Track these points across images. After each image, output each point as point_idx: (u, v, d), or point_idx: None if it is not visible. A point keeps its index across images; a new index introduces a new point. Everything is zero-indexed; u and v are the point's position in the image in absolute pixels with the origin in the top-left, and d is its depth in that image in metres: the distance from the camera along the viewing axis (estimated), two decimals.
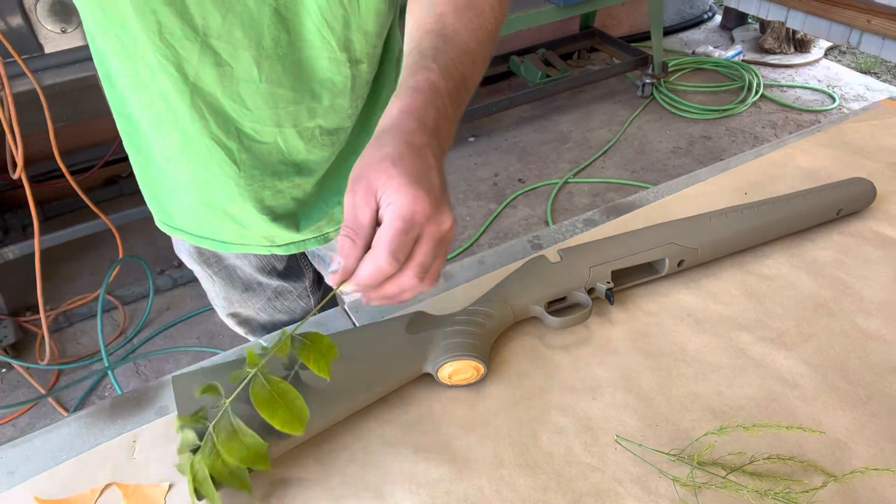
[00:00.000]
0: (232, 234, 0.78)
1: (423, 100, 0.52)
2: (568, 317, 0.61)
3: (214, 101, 0.64)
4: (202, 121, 0.64)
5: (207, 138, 0.66)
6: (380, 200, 0.47)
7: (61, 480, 0.52)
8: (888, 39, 2.32)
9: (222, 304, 0.98)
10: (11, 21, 1.49)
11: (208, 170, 0.69)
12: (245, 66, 0.61)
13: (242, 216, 0.74)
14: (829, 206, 0.73)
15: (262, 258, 0.92)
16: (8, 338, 1.85)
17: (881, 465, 0.51)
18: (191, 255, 0.91)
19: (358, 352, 0.57)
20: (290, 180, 0.73)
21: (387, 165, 0.47)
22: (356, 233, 0.48)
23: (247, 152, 0.68)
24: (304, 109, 0.67)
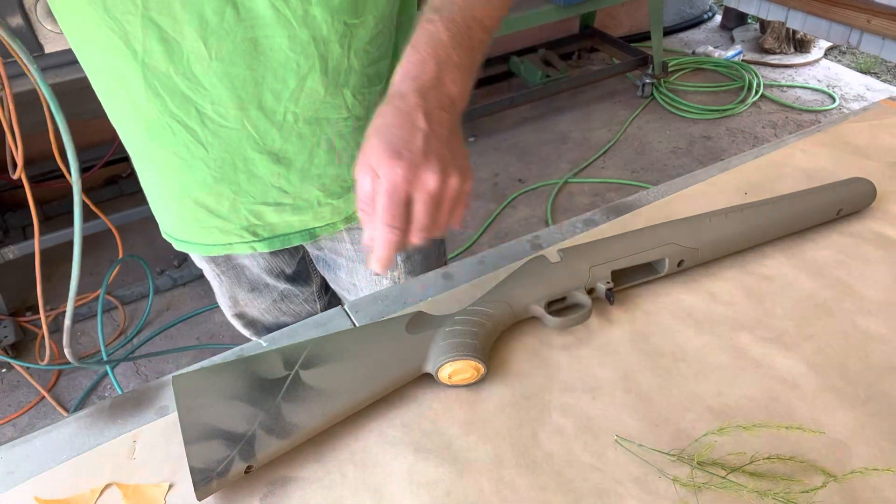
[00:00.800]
0: (213, 233, 0.75)
1: (419, 57, 0.53)
2: (568, 317, 0.61)
3: (168, 81, 0.61)
4: (159, 101, 0.62)
5: (168, 118, 0.63)
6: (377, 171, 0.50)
7: (61, 480, 0.52)
8: (888, 39, 2.32)
9: (228, 303, 0.97)
10: (11, 21, 1.49)
11: (176, 155, 0.67)
12: (192, 44, 0.58)
13: (218, 206, 0.72)
14: (829, 206, 0.73)
15: (271, 260, 0.90)
16: (8, 338, 1.85)
17: (881, 465, 0.51)
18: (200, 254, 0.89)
19: (358, 352, 0.57)
20: (267, 168, 0.69)
21: (372, 137, 0.51)
22: (367, 204, 0.51)
23: (213, 135, 0.65)
24: (266, 91, 0.63)
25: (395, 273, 0.87)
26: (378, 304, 0.68)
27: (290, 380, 0.55)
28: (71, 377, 1.85)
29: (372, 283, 0.88)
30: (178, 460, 0.52)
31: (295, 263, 0.94)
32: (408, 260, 0.87)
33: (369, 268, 0.54)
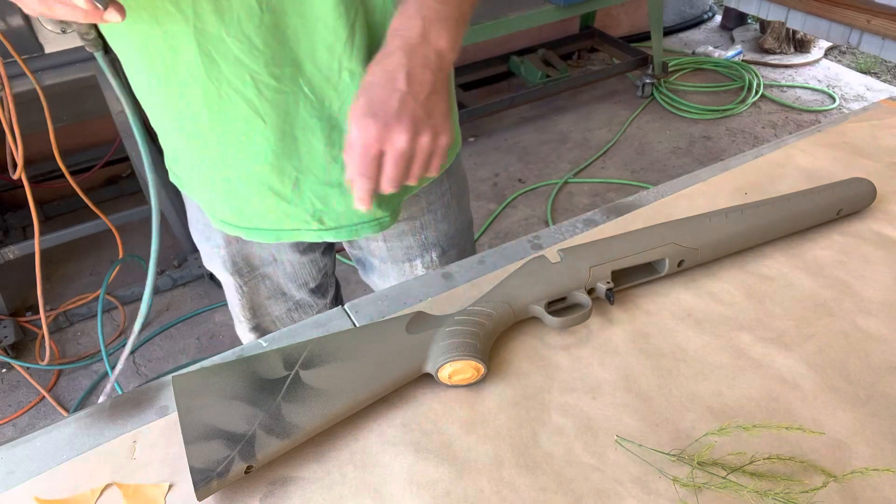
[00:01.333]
0: (281, 217, 0.73)
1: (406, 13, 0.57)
2: (568, 317, 0.61)
3: (221, 44, 0.60)
4: (215, 68, 0.61)
5: (226, 88, 0.62)
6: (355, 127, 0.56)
7: (61, 480, 0.52)
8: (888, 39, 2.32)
9: (247, 315, 0.95)
10: (11, 21, 1.49)
11: (237, 131, 0.66)
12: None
13: (283, 186, 0.70)
14: (829, 206, 0.73)
15: (299, 269, 0.89)
16: (8, 338, 1.85)
17: (881, 465, 0.51)
18: (224, 266, 0.87)
19: (358, 352, 0.57)
20: (325, 138, 0.67)
21: (358, 94, 0.57)
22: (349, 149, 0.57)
23: (270, 105, 0.64)
24: (320, 43, 0.62)
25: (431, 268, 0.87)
26: (378, 304, 0.68)
27: (290, 380, 0.55)
28: (71, 377, 1.85)
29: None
30: (178, 460, 0.52)
31: (320, 277, 0.93)
32: (443, 255, 0.88)
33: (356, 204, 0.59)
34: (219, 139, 0.68)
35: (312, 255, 0.90)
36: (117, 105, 1.73)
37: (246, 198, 0.73)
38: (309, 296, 0.94)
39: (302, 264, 0.89)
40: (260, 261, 0.88)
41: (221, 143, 0.68)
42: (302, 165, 0.69)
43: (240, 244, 0.85)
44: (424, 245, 0.86)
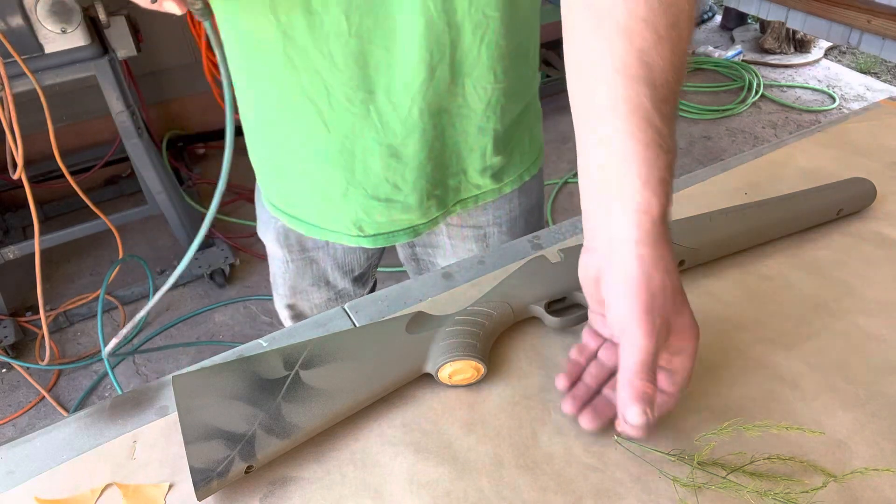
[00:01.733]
0: (322, 215, 0.76)
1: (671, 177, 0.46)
2: (568, 317, 0.61)
3: (305, 55, 0.62)
4: (294, 74, 0.63)
5: (299, 93, 0.65)
6: (671, 343, 0.46)
7: (61, 480, 0.52)
8: (888, 39, 2.32)
9: (286, 293, 0.97)
10: (11, 21, 1.49)
11: (298, 133, 0.68)
12: (334, 18, 0.59)
13: (332, 190, 0.73)
14: (829, 206, 0.73)
15: (347, 255, 0.91)
16: (8, 338, 1.85)
17: (881, 465, 0.51)
18: (277, 238, 0.89)
19: (358, 352, 0.57)
20: (383, 162, 0.69)
21: (681, 302, 0.46)
22: (654, 378, 0.45)
23: (337, 119, 0.66)
24: (398, 78, 0.63)
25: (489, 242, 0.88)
26: (378, 304, 0.68)
27: (290, 380, 0.55)
28: (71, 377, 1.85)
29: None
30: (178, 460, 0.52)
31: (366, 265, 0.95)
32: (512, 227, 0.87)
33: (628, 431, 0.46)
34: (283, 133, 0.70)
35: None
36: (117, 105, 1.73)
37: (296, 191, 0.76)
38: (351, 285, 0.96)
39: (352, 249, 0.91)
40: (312, 243, 0.89)
41: (284, 136, 0.70)
42: (354, 179, 0.72)
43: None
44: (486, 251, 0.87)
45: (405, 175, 0.72)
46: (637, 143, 0.44)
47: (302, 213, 0.79)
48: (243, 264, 2.20)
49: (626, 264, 0.45)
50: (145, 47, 1.97)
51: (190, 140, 2.68)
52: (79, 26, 1.56)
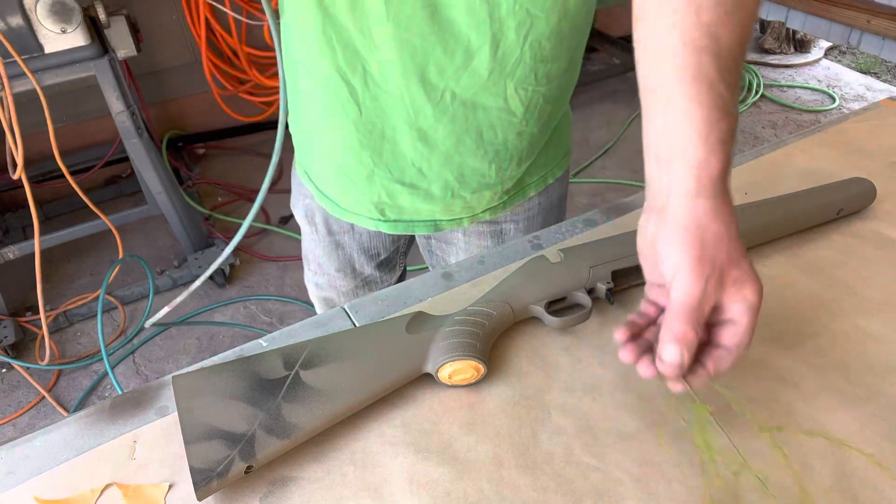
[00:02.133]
0: (346, 195, 0.78)
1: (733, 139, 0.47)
2: (568, 317, 0.61)
3: (344, 33, 0.63)
4: (331, 52, 0.64)
5: (334, 71, 0.65)
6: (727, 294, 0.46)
7: (61, 480, 0.52)
8: (888, 39, 2.32)
9: (315, 269, 0.99)
10: (11, 21, 1.49)
11: (331, 112, 0.69)
12: (374, 2, 0.60)
13: (357, 173, 0.74)
14: (829, 206, 0.73)
15: (373, 238, 0.92)
16: (8, 338, 1.85)
17: (881, 465, 0.51)
18: (305, 214, 0.92)
19: (358, 352, 0.57)
20: (411, 145, 0.70)
21: (739, 256, 0.46)
22: (700, 323, 0.46)
23: (371, 98, 0.67)
24: (432, 64, 0.63)
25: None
26: (378, 304, 0.68)
27: (290, 380, 0.55)
28: (71, 377, 1.85)
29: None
30: (178, 460, 0.52)
31: (391, 249, 0.96)
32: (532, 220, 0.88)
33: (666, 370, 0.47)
34: (314, 109, 0.72)
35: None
36: (117, 105, 1.73)
37: (324, 168, 0.78)
38: (377, 270, 0.97)
39: (378, 233, 0.91)
40: (339, 226, 0.90)
41: (317, 113, 0.72)
42: (381, 161, 0.72)
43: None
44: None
45: (431, 161, 0.72)
46: (699, 105, 0.45)
47: (329, 190, 0.80)
48: (243, 264, 2.20)
49: (681, 214, 0.46)
50: (145, 47, 1.97)
51: (190, 140, 2.68)
52: (79, 26, 1.56)
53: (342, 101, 0.67)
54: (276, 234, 2.34)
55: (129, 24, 1.70)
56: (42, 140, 1.57)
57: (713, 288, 0.45)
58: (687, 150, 0.46)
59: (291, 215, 2.45)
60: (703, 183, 0.45)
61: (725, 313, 0.47)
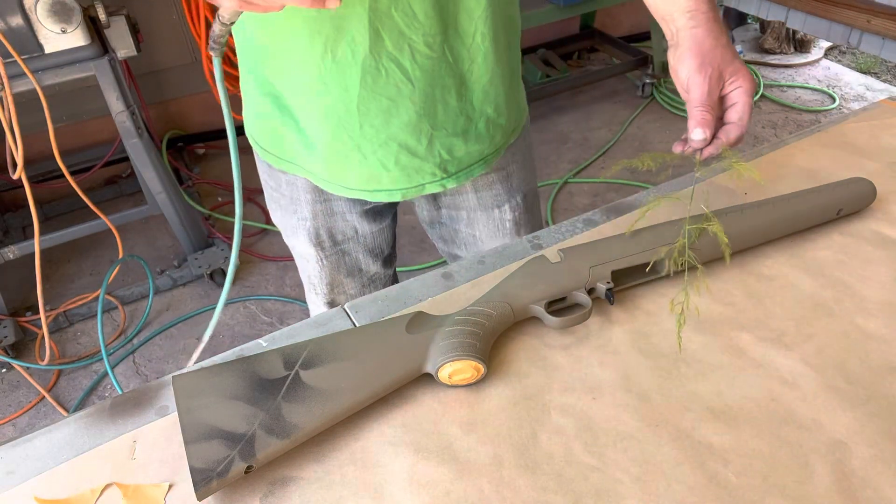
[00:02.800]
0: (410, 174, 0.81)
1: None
2: (568, 317, 0.61)
3: (389, 20, 0.68)
4: (379, 42, 0.69)
5: (385, 60, 0.70)
6: (726, 84, 0.66)
7: (61, 480, 0.52)
8: (888, 39, 2.32)
9: (324, 290, 1.01)
10: (11, 21, 1.49)
11: (388, 98, 0.73)
12: None
13: (418, 144, 0.78)
14: (829, 206, 0.73)
15: (376, 238, 0.96)
16: (8, 338, 1.85)
17: (881, 465, 0.51)
18: (308, 238, 0.94)
19: (358, 352, 0.57)
20: (456, 93, 0.77)
21: (731, 57, 0.66)
22: (713, 108, 0.65)
23: (420, 69, 0.72)
24: (464, 12, 0.71)
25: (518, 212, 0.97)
26: (378, 304, 0.68)
27: (290, 380, 0.55)
28: (71, 377, 1.85)
29: (492, 231, 0.96)
30: (178, 460, 0.52)
31: (391, 244, 1.02)
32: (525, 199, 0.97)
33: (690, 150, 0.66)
34: (364, 111, 0.74)
35: (385, 222, 0.97)
36: (117, 105, 1.73)
37: (377, 163, 0.79)
38: (381, 267, 1.02)
39: (380, 231, 0.97)
40: (342, 235, 0.94)
41: (365, 114, 0.75)
42: (436, 122, 0.77)
43: (325, 217, 0.91)
44: (510, 191, 0.95)
45: (473, 102, 0.79)
46: None
47: (384, 182, 0.82)
48: (243, 264, 2.20)
49: (683, 42, 0.66)
50: (145, 47, 1.97)
51: (190, 140, 2.68)
52: (79, 26, 1.56)
53: (397, 85, 0.72)
54: (276, 234, 2.34)
55: (129, 24, 1.70)
56: (42, 140, 1.58)
57: (715, 81, 0.65)
58: (681, 3, 0.67)
59: None
60: (696, 19, 0.66)
61: (729, 101, 0.67)
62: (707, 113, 0.64)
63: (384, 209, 0.96)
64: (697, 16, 0.66)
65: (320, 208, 0.90)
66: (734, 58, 0.66)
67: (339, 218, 0.92)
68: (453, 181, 0.84)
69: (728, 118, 0.67)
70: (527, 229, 0.98)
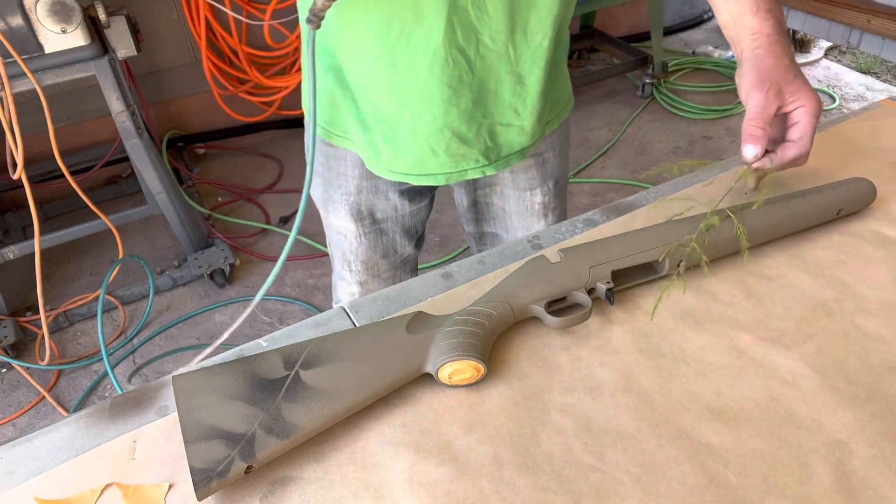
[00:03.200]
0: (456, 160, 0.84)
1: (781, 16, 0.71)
2: (568, 317, 0.61)
3: (465, 14, 0.72)
4: (451, 34, 0.72)
5: (454, 50, 0.74)
6: (786, 102, 0.68)
7: (61, 480, 0.52)
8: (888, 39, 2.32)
9: (359, 268, 1.04)
10: (11, 21, 1.49)
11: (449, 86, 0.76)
12: None
13: (469, 131, 0.82)
14: (829, 206, 0.73)
15: (412, 217, 1.00)
16: (8, 338, 1.85)
17: (881, 465, 0.51)
18: (350, 213, 0.96)
19: (358, 352, 0.57)
20: (510, 89, 0.81)
21: (792, 77, 0.68)
22: (767, 123, 0.67)
23: (481, 59, 0.76)
24: (534, 15, 0.75)
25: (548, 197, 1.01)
26: (378, 304, 0.68)
27: (290, 380, 0.55)
28: (71, 377, 1.85)
29: (521, 210, 1.00)
30: (178, 460, 0.52)
31: (425, 224, 1.06)
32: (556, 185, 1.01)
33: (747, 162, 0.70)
34: (427, 97, 0.78)
35: (424, 202, 1.01)
36: (117, 105, 1.73)
37: (428, 148, 0.83)
38: (413, 249, 1.06)
39: (418, 211, 1.01)
40: (383, 214, 0.97)
41: (428, 100, 0.78)
42: (487, 111, 0.82)
43: (369, 194, 0.95)
44: (544, 176, 0.99)
45: (526, 101, 0.82)
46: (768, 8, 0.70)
47: (431, 167, 0.85)
48: (243, 264, 2.20)
49: (747, 60, 0.70)
50: (145, 47, 1.97)
51: (190, 140, 2.68)
52: (79, 26, 1.56)
53: (459, 74, 0.76)
54: (276, 234, 2.34)
55: (129, 24, 1.70)
56: (42, 140, 1.58)
57: (772, 97, 0.67)
58: (745, 23, 0.70)
59: (291, 215, 2.46)
60: (758, 40, 0.69)
61: (791, 120, 0.69)
62: (757, 128, 0.67)
63: (424, 190, 0.99)
64: (760, 38, 0.69)
65: (365, 184, 0.93)
66: (796, 77, 0.67)
67: (382, 196, 0.95)
68: (493, 168, 0.87)
69: (789, 136, 0.69)
70: (554, 214, 1.02)
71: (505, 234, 1.04)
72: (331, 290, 1.16)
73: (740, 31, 0.71)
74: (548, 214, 1.01)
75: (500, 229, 1.05)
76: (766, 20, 0.70)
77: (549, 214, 1.01)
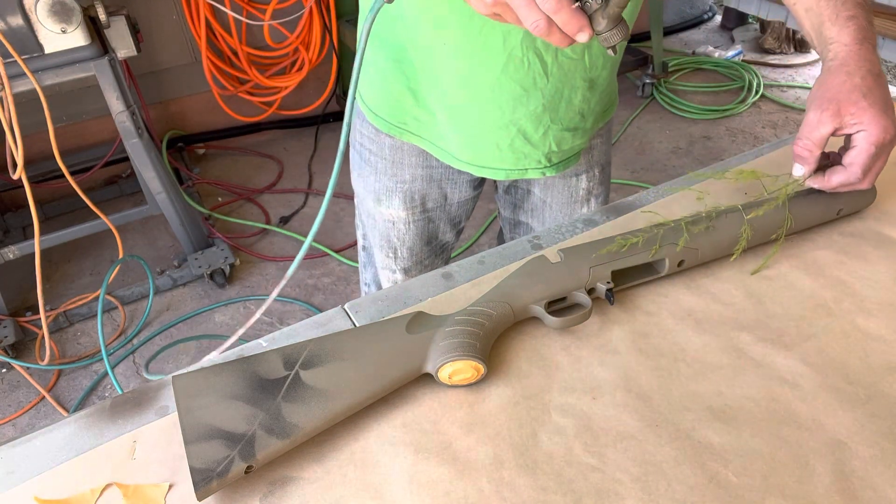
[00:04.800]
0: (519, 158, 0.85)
1: (866, 22, 0.68)
2: (568, 317, 0.61)
3: None
4: (530, 37, 0.72)
5: (530, 53, 0.74)
6: (845, 123, 0.64)
7: (61, 480, 0.52)
8: (888, 39, 2.32)
9: (405, 254, 1.05)
10: (11, 21, 1.49)
11: (521, 87, 0.77)
12: None
13: (535, 133, 0.82)
14: (829, 206, 0.73)
15: (460, 207, 1.02)
16: (8, 338, 1.85)
17: (881, 465, 0.51)
18: (402, 200, 0.98)
19: (358, 352, 0.57)
20: (582, 94, 0.81)
21: (858, 97, 0.63)
22: (816, 145, 0.66)
23: (558, 67, 0.76)
24: None
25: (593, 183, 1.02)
26: (378, 304, 0.68)
27: (290, 380, 0.55)
28: (71, 377, 1.85)
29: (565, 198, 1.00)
30: (178, 460, 0.52)
31: (470, 213, 1.06)
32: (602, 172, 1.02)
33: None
34: (497, 93, 0.78)
35: (472, 194, 1.02)
36: (117, 105, 1.73)
37: (492, 142, 0.84)
38: (454, 237, 1.09)
39: (465, 202, 1.02)
40: (433, 202, 0.99)
41: (497, 96, 0.79)
42: (556, 116, 0.82)
43: (423, 182, 0.96)
44: (591, 163, 0.99)
45: (592, 104, 0.84)
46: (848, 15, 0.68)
47: (493, 161, 0.86)
48: (243, 264, 2.20)
49: (821, 72, 0.67)
50: (145, 47, 1.97)
51: (190, 140, 2.68)
52: (79, 26, 1.56)
53: (533, 77, 0.76)
54: (276, 234, 2.34)
55: (129, 24, 1.70)
56: (42, 140, 1.58)
57: (829, 117, 0.64)
58: (823, 32, 0.68)
59: (291, 215, 2.46)
60: (834, 51, 0.67)
61: (851, 142, 0.66)
62: (804, 148, 0.67)
63: (478, 183, 1.01)
64: (837, 48, 0.67)
65: (420, 173, 0.95)
66: (862, 97, 0.64)
67: (436, 185, 0.97)
68: (553, 171, 0.89)
69: (844, 160, 0.67)
70: (597, 199, 1.02)
71: (540, 227, 1.05)
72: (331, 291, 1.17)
73: (819, 42, 0.69)
74: (590, 200, 1.02)
75: (535, 221, 1.05)
76: (845, 28, 0.67)
77: (591, 200, 1.02)
